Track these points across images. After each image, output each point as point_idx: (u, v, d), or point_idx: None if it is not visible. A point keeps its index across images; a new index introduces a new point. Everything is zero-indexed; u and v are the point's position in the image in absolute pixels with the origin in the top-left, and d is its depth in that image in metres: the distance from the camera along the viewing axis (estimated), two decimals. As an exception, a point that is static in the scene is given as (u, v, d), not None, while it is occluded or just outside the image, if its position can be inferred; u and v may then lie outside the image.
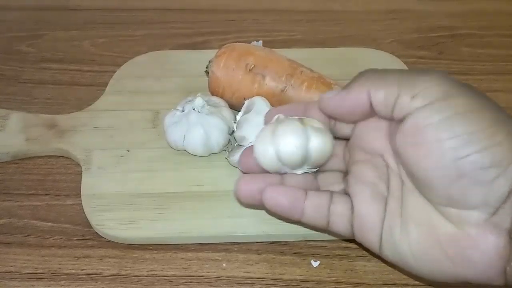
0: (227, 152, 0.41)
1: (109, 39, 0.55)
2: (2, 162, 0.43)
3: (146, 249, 0.38)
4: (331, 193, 0.33)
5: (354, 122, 0.33)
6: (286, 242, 0.39)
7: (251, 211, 0.39)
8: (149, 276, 0.37)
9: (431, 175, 0.27)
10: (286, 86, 0.42)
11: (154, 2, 0.59)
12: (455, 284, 0.29)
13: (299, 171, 0.34)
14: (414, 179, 0.29)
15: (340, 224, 0.32)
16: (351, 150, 0.34)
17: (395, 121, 0.29)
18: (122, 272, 0.37)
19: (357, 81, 0.30)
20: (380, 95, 0.29)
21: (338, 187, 0.34)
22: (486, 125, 0.26)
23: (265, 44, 0.51)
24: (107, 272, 0.37)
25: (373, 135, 0.32)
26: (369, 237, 0.31)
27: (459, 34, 0.56)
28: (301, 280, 0.37)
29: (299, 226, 0.38)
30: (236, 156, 0.40)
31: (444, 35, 0.56)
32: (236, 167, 0.41)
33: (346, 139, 0.35)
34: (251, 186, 0.33)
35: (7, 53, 0.53)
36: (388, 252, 0.30)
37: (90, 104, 0.46)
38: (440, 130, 0.26)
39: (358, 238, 0.32)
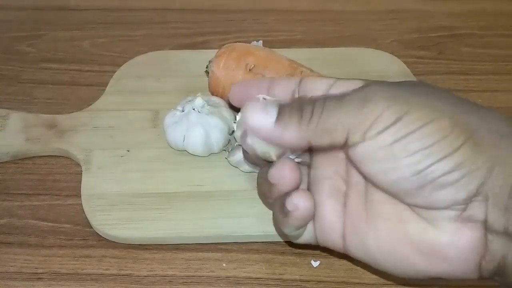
0: (227, 152, 0.41)
1: (109, 39, 0.55)
2: (2, 162, 0.43)
3: (146, 249, 0.38)
4: None
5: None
6: (286, 242, 0.39)
7: (252, 211, 0.39)
8: (149, 276, 0.37)
9: (393, 189, 0.26)
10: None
11: (154, 2, 0.59)
12: (427, 281, 0.28)
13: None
14: (378, 186, 0.28)
15: (306, 233, 0.31)
16: None
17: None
18: (122, 272, 0.37)
19: (292, 124, 0.27)
20: (325, 140, 0.27)
21: (303, 185, 0.32)
22: (445, 133, 0.25)
23: (265, 44, 0.51)
24: (107, 272, 0.37)
25: None
26: (332, 238, 0.30)
27: (459, 34, 0.56)
28: (301, 280, 0.37)
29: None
30: (236, 156, 0.40)
31: (444, 35, 0.56)
32: (236, 167, 0.41)
33: None
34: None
35: (7, 53, 0.53)
36: (353, 249, 0.29)
37: (90, 104, 0.46)
38: (396, 150, 0.25)
39: (321, 240, 0.31)
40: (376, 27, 0.57)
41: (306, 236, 0.31)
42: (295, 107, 0.27)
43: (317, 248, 0.38)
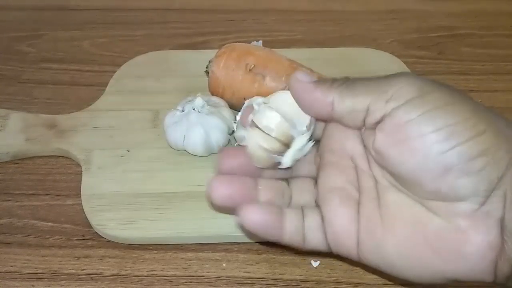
0: (227, 152, 0.41)
1: (109, 39, 0.55)
2: (2, 162, 0.43)
3: (146, 249, 0.38)
4: (302, 207, 0.31)
5: (312, 116, 0.31)
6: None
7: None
8: (149, 276, 0.37)
9: (417, 172, 0.26)
10: (286, 86, 0.42)
11: (154, 2, 0.59)
12: (442, 284, 0.28)
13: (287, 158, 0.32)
14: (398, 178, 0.28)
15: (315, 239, 0.31)
16: (321, 152, 0.33)
17: (365, 129, 0.29)
18: (122, 272, 0.37)
19: (323, 85, 0.29)
20: (347, 104, 0.28)
21: (308, 195, 0.32)
22: (467, 116, 0.25)
23: (265, 44, 0.52)
24: (107, 272, 0.37)
25: (345, 134, 0.31)
26: (345, 245, 0.30)
27: (459, 34, 0.56)
28: (301, 280, 0.37)
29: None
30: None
31: (444, 35, 0.56)
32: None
33: (319, 141, 0.33)
34: (226, 191, 0.31)
35: (7, 53, 0.53)
36: (369, 256, 0.29)
37: (90, 104, 0.46)
38: (422, 124, 0.26)
39: (334, 248, 0.30)
40: (376, 27, 0.57)
41: (317, 243, 0.31)
42: (329, 79, 0.30)
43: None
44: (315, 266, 0.37)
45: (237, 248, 0.38)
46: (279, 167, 0.32)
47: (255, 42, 0.51)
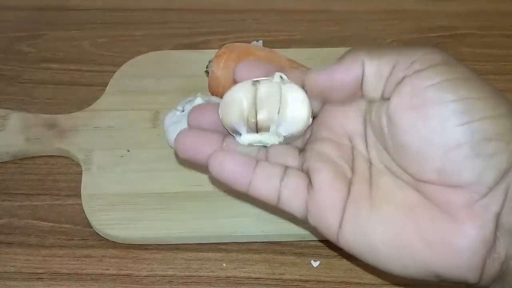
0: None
1: (109, 39, 0.55)
2: (2, 162, 0.43)
3: (146, 249, 0.38)
4: (285, 167, 0.29)
5: (343, 101, 0.30)
6: (286, 242, 0.39)
7: (252, 211, 0.39)
8: (149, 276, 0.37)
9: (426, 142, 0.25)
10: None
11: (154, 2, 0.59)
12: (427, 281, 0.27)
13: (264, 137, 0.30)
14: (401, 152, 0.26)
15: (292, 201, 0.28)
16: (315, 127, 0.31)
17: (380, 98, 0.28)
18: (122, 272, 0.37)
19: (350, 52, 0.28)
20: (375, 63, 0.27)
21: (292, 161, 0.30)
22: (489, 95, 0.24)
23: (265, 44, 0.52)
24: (107, 272, 0.37)
25: (346, 112, 0.30)
26: (327, 220, 0.28)
27: (459, 34, 0.56)
28: (301, 280, 0.37)
29: (299, 226, 0.38)
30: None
31: (444, 35, 0.56)
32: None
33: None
34: (196, 143, 0.30)
35: (7, 53, 0.53)
36: (351, 239, 0.27)
37: (90, 104, 0.46)
38: (443, 91, 0.24)
39: (312, 220, 0.28)
40: (376, 27, 0.57)
41: (293, 206, 0.29)
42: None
43: (318, 248, 0.38)
44: (315, 266, 0.37)
45: (237, 248, 0.38)
46: (236, 137, 0.30)
47: (255, 42, 0.51)
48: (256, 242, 0.39)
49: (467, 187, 0.24)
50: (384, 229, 0.26)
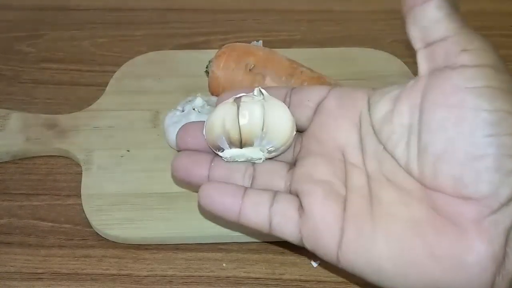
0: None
1: (109, 39, 0.55)
2: (2, 162, 0.43)
3: (146, 249, 0.38)
4: (275, 192, 0.29)
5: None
6: (286, 242, 0.39)
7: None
8: (149, 276, 0.37)
9: (451, 146, 0.24)
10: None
11: (154, 2, 0.59)
12: None
13: (249, 152, 0.31)
14: (423, 151, 0.26)
15: (284, 226, 0.28)
16: (306, 141, 0.30)
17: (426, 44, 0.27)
18: (122, 272, 0.37)
19: None
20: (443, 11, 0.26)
21: (279, 180, 0.30)
22: None
23: (265, 44, 0.51)
24: (107, 272, 0.37)
25: (338, 123, 0.29)
26: (324, 243, 0.27)
27: (459, 34, 0.56)
28: (301, 280, 0.37)
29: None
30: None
31: (444, 35, 0.56)
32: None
33: (301, 131, 0.32)
34: (187, 166, 0.30)
35: (7, 53, 0.53)
36: (352, 258, 0.26)
37: (90, 104, 0.46)
38: (481, 98, 0.24)
39: (309, 244, 0.28)
40: (376, 27, 0.57)
41: (286, 232, 0.28)
42: None
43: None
44: (315, 266, 0.37)
45: (237, 248, 0.38)
46: (218, 153, 0.31)
47: (255, 42, 0.51)
48: (256, 242, 0.39)
49: (480, 200, 0.24)
50: (389, 246, 0.25)
